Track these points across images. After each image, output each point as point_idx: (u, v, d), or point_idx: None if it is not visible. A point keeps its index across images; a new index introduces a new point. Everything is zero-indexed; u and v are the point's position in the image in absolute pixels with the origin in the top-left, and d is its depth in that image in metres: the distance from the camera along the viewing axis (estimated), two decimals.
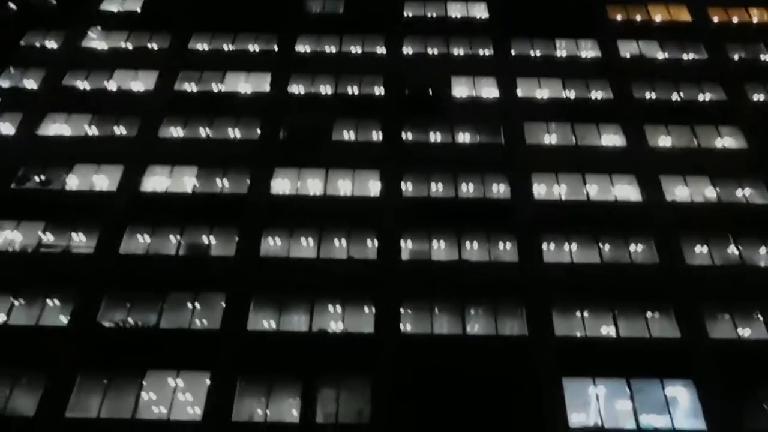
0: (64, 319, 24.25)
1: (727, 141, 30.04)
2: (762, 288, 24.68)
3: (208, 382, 22.36)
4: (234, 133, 29.79)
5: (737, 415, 21.43)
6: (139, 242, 26.33)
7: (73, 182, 28.21)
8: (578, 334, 23.63)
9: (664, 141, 29.94)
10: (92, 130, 29.95)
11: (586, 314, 24.12)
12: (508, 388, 22.03)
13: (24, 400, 22.31)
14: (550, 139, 29.84)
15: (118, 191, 27.59)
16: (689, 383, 22.24)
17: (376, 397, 21.87)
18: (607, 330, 23.86)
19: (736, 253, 25.98)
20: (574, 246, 26.06)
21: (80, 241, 26.42)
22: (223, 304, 24.18)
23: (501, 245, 26.10)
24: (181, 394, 22.51)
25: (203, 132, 29.79)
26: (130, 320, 24.14)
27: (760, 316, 24.04)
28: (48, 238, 26.43)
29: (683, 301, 24.26)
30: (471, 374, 22.29)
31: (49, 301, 24.78)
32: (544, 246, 25.96)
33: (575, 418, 21.74)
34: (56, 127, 30.17)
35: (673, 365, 22.61)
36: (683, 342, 23.22)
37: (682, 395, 22.23)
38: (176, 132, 29.90)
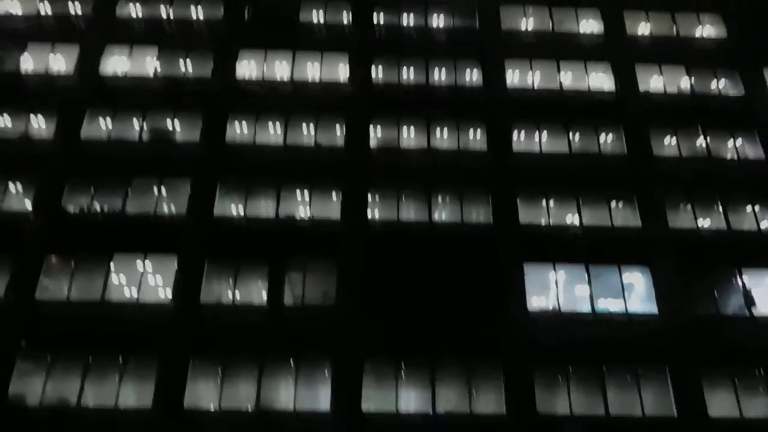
0: (28, 205, 23.99)
1: (708, 30, 29.37)
2: (725, 180, 25.03)
3: (176, 265, 22.56)
4: (196, 12, 28.38)
5: (688, 301, 22.30)
6: (101, 127, 25.66)
7: (27, 64, 26.99)
8: (542, 222, 23.99)
9: (644, 29, 29.19)
10: (45, 8, 28.31)
11: (551, 203, 24.41)
12: (471, 274, 22.56)
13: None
14: (527, 24, 28.91)
15: (75, 73, 26.52)
16: (645, 270, 22.95)
17: (341, 280, 22.32)
18: (571, 219, 24.24)
19: (704, 145, 26.08)
20: (544, 135, 25.94)
21: (39, 126, 25.67)
22: (189, 190, 23.98)
23: (471, 134, 25.89)
24: (150, 277, 22.78)
25: (164, 11, 28.32)
26: (95, 205, 23.93)
27: (720, 207, 24.50)
28: (5, 122, 25.62)
29: (647, 191, 24.58)
30: (435, 260, 22.73)
31: (11, 186, 24.40)
32: (514, 135, 25.83)
33: (535, 302, 22.51)
34: (6, 4, 28.47)
35: (631, 253, 23.22)
36: (643, 231, 23.74)
37: (638, 281, 23.01)
38: (135, 11, 28.39)
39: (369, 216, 23.88)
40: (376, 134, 25.76)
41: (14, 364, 20.91)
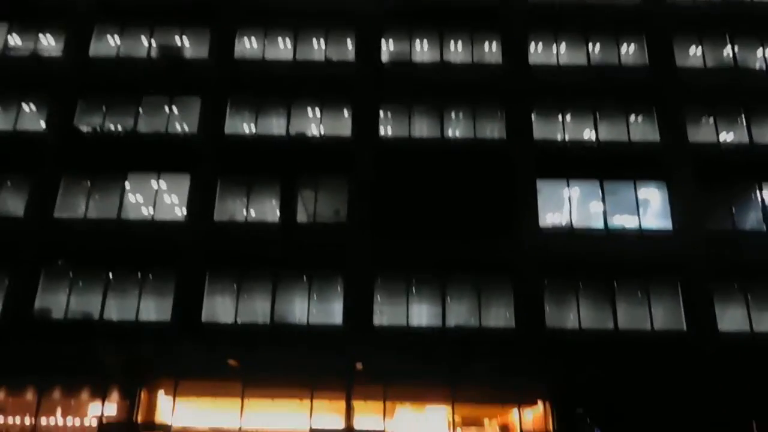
0: (41, 124, 24.13)
1: None
2: (751, 91, 24.00)
3: (189, 183, 22.74)
4: None
5: (704, 217, 21.92)
6: (110, 44, 25.33)
7: None
8: (558, 137, 23.46)
9: None
10: None
11: (567, 117, 23.77)
12: (483, 190, 22.38)
13: (12, 202, 22.95)
14: None
15: None
16: (662, 185, 22.51)
17: (352, 197, 22.34)
18: (588, 134, 23.66)
19: (731, 55, 24.89)
20: (562, 47, 24.97)
21: (48, 44, 25.43)
22: (199, 108, 23.82)
23: (486, 46, 25.02)
24: (164, 195, 23.06)
25: None
26: (108, 124, 23.98)
27: (743, 120, 23.64)
28: (14, 40, 25.43)
29: (668, 104, 23.73)
30: (447, 176, 22.54)
31: (24, 106, 24.50)
32: (531, 47, 24.90)
33: (548, 219, 22.36)
34: None
35: (648, 168, 22.71)
36: (662, 145, 23.10)
37: (653, 197, 22.61)
38: None
39: (380, 132, 23.57)
40: (387, 48, 25.05)
41: (39, 280, 21.65)
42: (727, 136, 23.73)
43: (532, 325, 20.81)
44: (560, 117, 23.72)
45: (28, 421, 19.24)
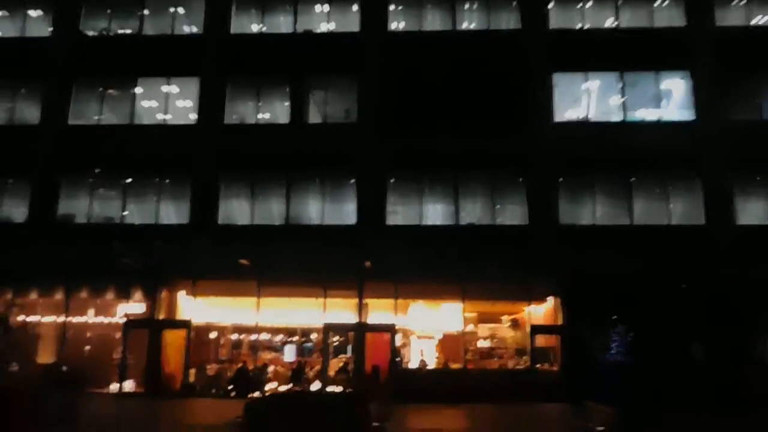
0: (47, 30, 23.87)
1: None
2: None
3: (199, 87, 22.52)
4: None
5: (728, 107, 20.97)
6: None
7: None
8: (576, 26, 22.32)
9: None
10: None
11: (587, 4, 22.48)
12: (497, 86, 21.66)
13: (28, 111, 23.15)
14: None
15: None
16: (686, 74, 21.48)
17: (362, 96, 21.91)
18: (609, 22, 22.42)
19: None
20: None
21: None
22: (204, 6, 23.18)
23: None
24: (176, 100, 22.94)
25: None
26: (114, 28, 23.60)
27: None
28: None
29: None
30: (460, 71, 21.82)
31: (30, 12, 24.18)
32: None
33: (565, 114, 21.68)
34: None
35: (671, 56, 21.58)
36: (687, 30, 21.81)
37: (676, 87, 21.63)
38: None
39: (390, 26, 22.72)
40: None
41: (59, 187, 22.16)
42: (757, 20, 22.22)
43: (545, 222, 20.69)
44: (579, 3, 22.44)
45: (59, 319, 20.26)
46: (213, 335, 20.71)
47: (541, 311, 20.67)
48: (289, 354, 20.18)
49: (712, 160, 20.79)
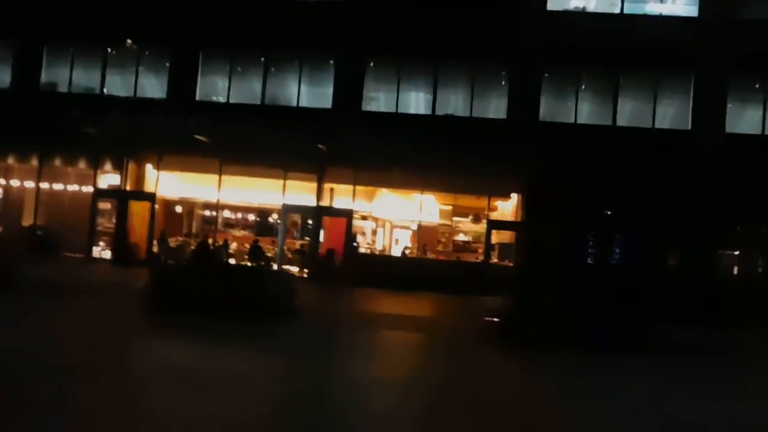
0: None
1: None
2: None
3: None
4: None
5: (734, 3, 19.26)
6: None
7: None
8: None
9: None
10: None
11: None
12: None
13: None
14: None
15: None
16: None
17: None
18: None
19: None
20: None
21: None
22: None
23: None
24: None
25: None
26: None
27: None
28: None
29: None
30: None
31: None
32: None
33: (559, 2, 20.28)
34: None
35: None
36: None
37: None
38: None
39: None
40: None
41: (42, 55, 22.06)
42: None
43: (524, 118, 19.91)
44: None
45: (32, 185, 20.87)
46: (178, 209, 21.13)
47: (510, 207, 20.36)
48: (249, 232, 20.61)
49: (711, 59, 19.36)
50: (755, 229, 19.72)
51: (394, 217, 20.91)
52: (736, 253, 19.75)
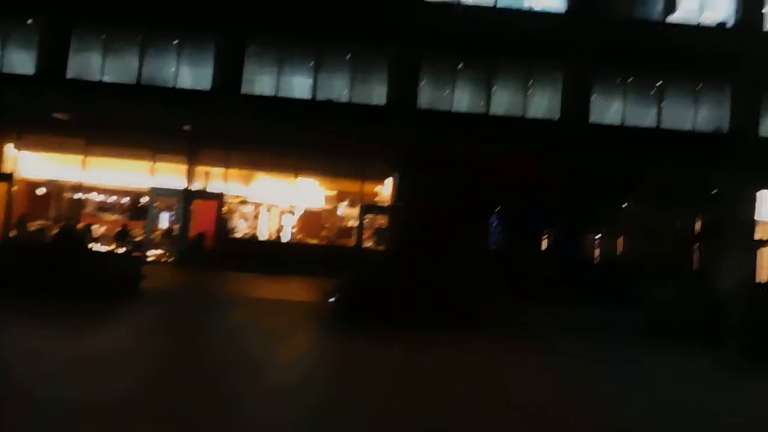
0: None
1: None
2: None
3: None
4: None
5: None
6: None
7: None
8: None
9: None
10: None
11: None
12: None
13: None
14: None
15: None
16: None
17: None
18: None
19: None
20: None
21: None
22: None
23: None
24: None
25: None
26: None
27: None
28: None
29: None
30: None
31: None
32: None
33: None
34: None
35: None
36: None
37: None
38: None
39: None
40: None
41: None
42: None
43: (402, 102, 20.15)
44: None
45: None
46: (42, 191, 20.19)
47: (387, 192, 20.62)
48: (121, 216, 19.98)
49: (578, 54, 20.18)
50: (617, 212, 20.91)
51: (274, 201, 20.76)
52: (599, 235, 20.94)
